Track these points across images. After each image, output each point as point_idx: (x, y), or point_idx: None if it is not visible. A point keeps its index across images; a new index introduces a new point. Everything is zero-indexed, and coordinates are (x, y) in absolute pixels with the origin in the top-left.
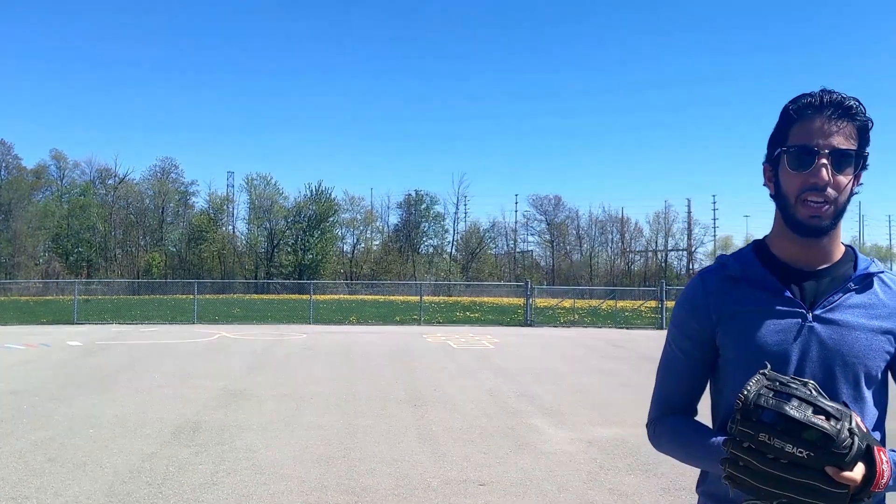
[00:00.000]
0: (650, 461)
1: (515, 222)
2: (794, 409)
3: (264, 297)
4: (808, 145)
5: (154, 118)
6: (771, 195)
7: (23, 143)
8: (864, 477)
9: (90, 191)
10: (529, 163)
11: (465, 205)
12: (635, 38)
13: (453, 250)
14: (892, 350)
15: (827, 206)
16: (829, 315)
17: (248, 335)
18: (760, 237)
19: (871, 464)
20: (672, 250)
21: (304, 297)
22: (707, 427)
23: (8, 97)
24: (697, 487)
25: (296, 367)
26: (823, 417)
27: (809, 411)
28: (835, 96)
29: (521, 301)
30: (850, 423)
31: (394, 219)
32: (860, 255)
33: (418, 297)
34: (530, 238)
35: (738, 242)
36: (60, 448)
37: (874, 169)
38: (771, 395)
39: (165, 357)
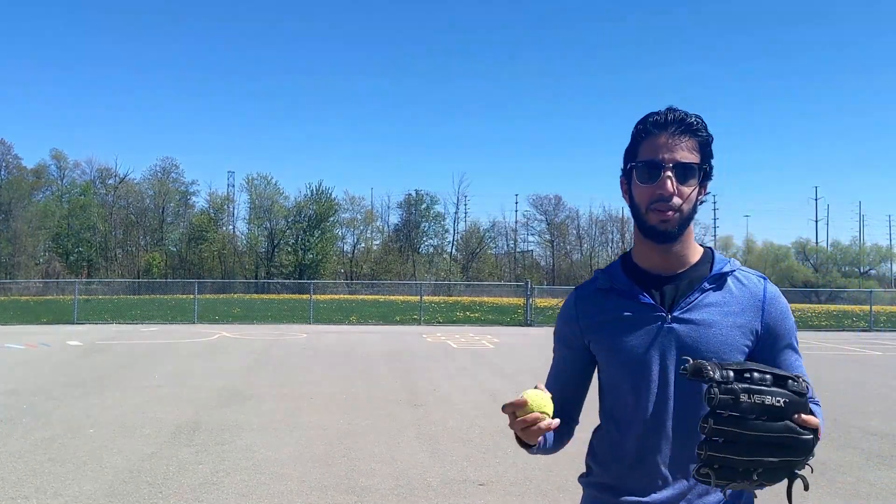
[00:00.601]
0: None
1: (515, 222)
2: (755, 366)
3: (264, 296)
4: (654, 160)
5: (154, 118)
6: (628, 205)
7: (23, 143)
8: None
9: (90, 190)
10: (529, 163)
11: (465, 205)
12: (635, 39)
13: (453, 250)
14: (749, 343)
15: (673, 214)
16: (687, 315)
17: (248, 335)
18: (629, 250)
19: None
20: None
21: (305, 296)
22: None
23: (8, 97)
24: (581, 479)
25: (296, 366)
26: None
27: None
28: (678, 114)
29: (521, 301)
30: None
31: (394, 218)
32: (717, 256)
33: (418, 297)
34: (530, 238)
35: (739, 242)
36: (60, 448)
37: (874, 169)
38: (731, 363)
39: (165, 357)
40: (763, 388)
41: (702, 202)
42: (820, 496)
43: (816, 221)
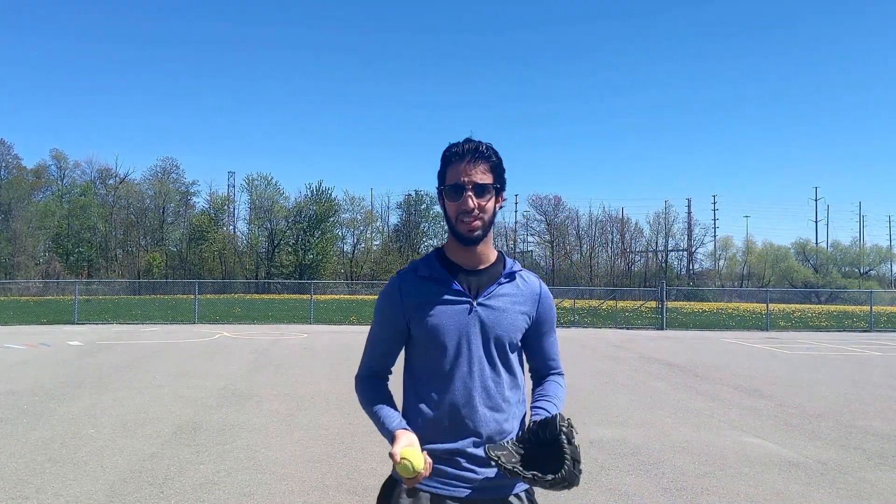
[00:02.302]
0: (650, 461)
1: (515, 222)
2: (566, 446)
3: (265, 296)
4: (457, 184)
5: (155, 118)
6: (444, 214)
7: (23, 143)
8: None
9: (91, 191)
10: (529, 163)
11: None
12: (635, 40)
13: None
14: (526, 326)
15: (476, 223)
16: (488, 302)
17: (248, 335)
18: (441, 246)
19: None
20: (672, 250)
21: (305, 296)
22: (388, 405)
23: (9, 97)
24: None
25: (296, 366)
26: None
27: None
28: (472, 145)
29: None
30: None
31: (394, 219)
32: (507, 259)
33: None
34: (530, 238)
35: (738, 243)
36: (61, 448)
37: (874, 170)
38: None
39: (166, 357)
40: (578, 450)
41: (500, 208)
42: (821, 496)
43: (816, 222)
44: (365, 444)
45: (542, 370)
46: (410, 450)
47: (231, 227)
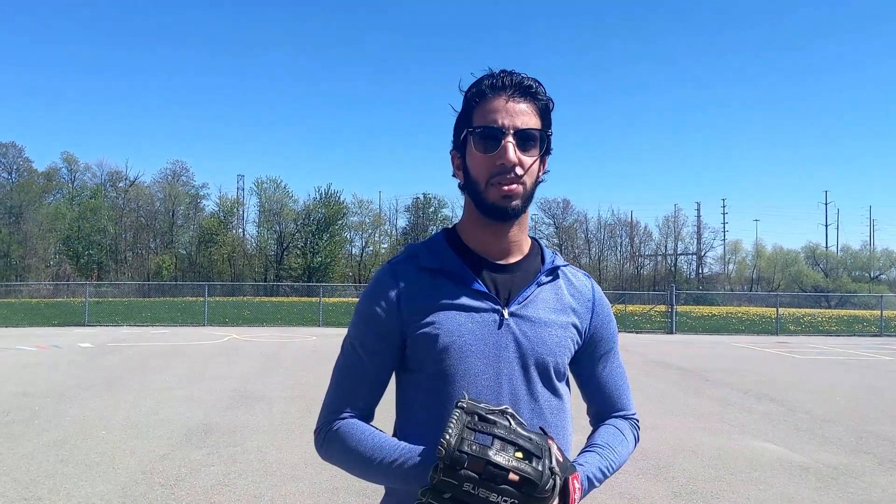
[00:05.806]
0: (660, 465)
1: None
2: (498, 455)
3: (274, 299)
4: (493, 126)
5: (165, 121)
6: (460, 185)
7: (34, 146)
8: None
9: (101, 193)
10: None
11: None
12: (644, 41)
13: None
14: (576, 345)
15: (517, 186)
16: (524, 311)
17: (257, 337)
18: (451, 226)
19: (564, 494)
20: (682, 254)
21: (314, 299)
22: (387, 437)
23: (20, 100)
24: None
25: (306, 369)
26: (526, 460)
27: (512, 452)
28: (515, 77)
29: None
30: (551, 461)
31: (402, 222)
32: (545, 249)
33: None
34: None
35: (748, 247)
36: (73, 449)
37: (884, 173)
38: (474, 439)
39: (176, 359)
40: (490, 484)
41: (541, 181)
42: (832, 501)
43: (826, 226)
44: None
45: (603, 413)
46: None
47: (240, 229)
